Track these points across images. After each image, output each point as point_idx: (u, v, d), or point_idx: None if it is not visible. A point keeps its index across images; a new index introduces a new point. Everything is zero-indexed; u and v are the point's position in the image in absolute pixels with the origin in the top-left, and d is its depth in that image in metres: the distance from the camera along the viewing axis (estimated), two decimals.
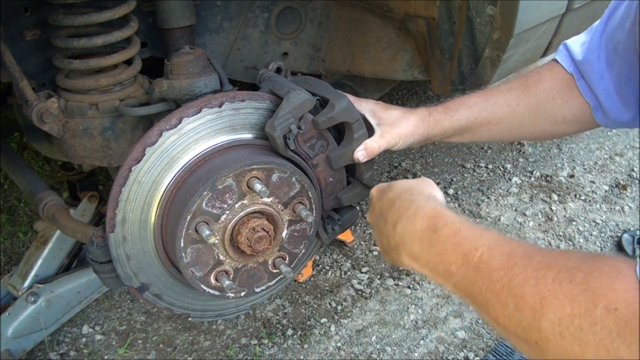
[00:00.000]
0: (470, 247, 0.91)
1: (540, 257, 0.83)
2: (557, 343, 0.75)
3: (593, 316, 0.71)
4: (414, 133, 1.47)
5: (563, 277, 0.78)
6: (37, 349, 2.18)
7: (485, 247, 0.89)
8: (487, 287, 0.86)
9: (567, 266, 0.79)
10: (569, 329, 0.74)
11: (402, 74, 2.09)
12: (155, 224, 1.44)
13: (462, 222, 0.98)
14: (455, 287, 0.93)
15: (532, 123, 1.47)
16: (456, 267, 0.92)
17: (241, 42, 1.97)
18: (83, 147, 1.58)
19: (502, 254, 0.87)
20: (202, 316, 1.69)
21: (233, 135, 1.46)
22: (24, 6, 1.54)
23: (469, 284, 0.90)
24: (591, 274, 0.75)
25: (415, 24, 1.89)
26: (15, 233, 2.85)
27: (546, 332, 0.77)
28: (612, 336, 0.70)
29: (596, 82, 1.36)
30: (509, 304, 0.82)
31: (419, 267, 1.01)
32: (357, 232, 2.81)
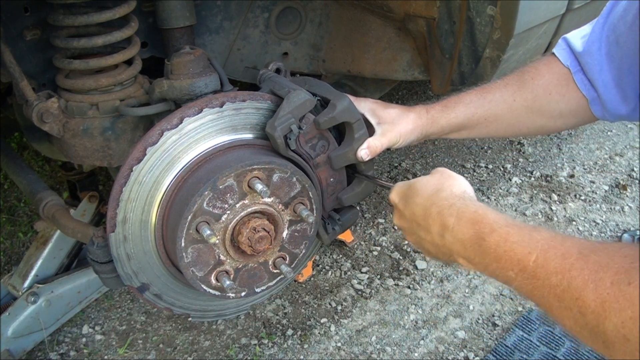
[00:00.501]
0: (523, 253, 0.90)
1: (596, 256, 0.82)
2: (623, 345, 0.75)
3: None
4: (413, 131, 1.48)
5: (621, 279, 0.78)
6: (37, 349, 2.18)
7: (539, 250, 0.88)
8: (547, 291, 0.86)
9: (624, 267, 0.78)
10: (633, 331, 0.74)
11: (402, 74, 2.09)
12: (156, 223, 1.44)
13: (508, 224, 0.96)
14: (517, 290, 0.93)
15: (529, 118, 1.47)
16: (514, 273, 0.92)
17: (241, 42, 1.97)
18: (83, 147, 1.58)
19: (557, 255, 0.86)
20: (202, 316, 1.69)
21: (234, 135, 1.46)
22: (24, 6, 1.54)
23: (530, 289, 0.89)
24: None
25: (415, 24, 1.89)
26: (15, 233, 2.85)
27: (611, 335, 0.77)
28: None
29: (595, 74, 1.35)
30: (572, 308, 0.82)
31: (478, 270, 1.00)
32: (357, 232, 2.81)
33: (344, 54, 2.13)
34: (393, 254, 2.69)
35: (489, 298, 2.45)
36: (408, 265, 2.62)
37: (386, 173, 3.27)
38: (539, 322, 2.28)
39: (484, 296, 2.46)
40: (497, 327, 2.31)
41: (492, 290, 2.48)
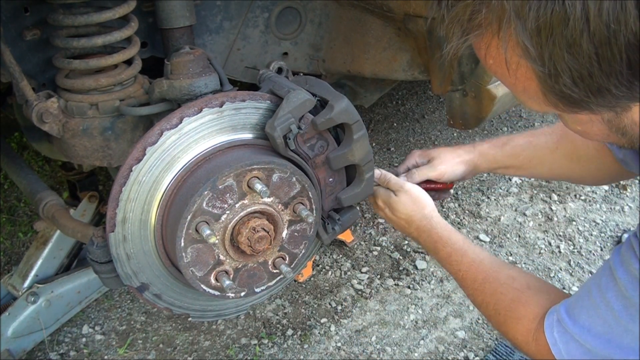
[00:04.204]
0: (457, 268, 1.39)
1: (490, 286, 1.32)
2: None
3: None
4: (460, 163, 1.63)
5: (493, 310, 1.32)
6: (37, 349, 2.18)
7: (464, 269, 1.37)
8: (470, 294, 1.39)
9: (502, 303, 1.29)
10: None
11: (402, 74, 2.09)
12: (156, 223, 1.44)
13: (452, 246, 1.41)
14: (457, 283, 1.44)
15: (569, 167, 1.59)
16: (454, 277, 1.42)
17: (241, 42, 1.97)
18: (83, 147, 1.58)
19: (472, 278, 1.36)
20: (202, 316, 1.69)
21: (233, 135, 1.46)
22: (24, 6, 1.54)
23: (462, 288, 1.41)
24: (506, 322, 1.28)
25: (415, 24, 1.89)
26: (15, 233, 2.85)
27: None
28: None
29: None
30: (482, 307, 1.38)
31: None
32: (357, 232, 2.81)
33: (343, 54, 2.13)
34: (393, 254, 2.69)
35: None
36: (408, 265, 2.62)
37: None
38: None
39: None
40: None
41: None
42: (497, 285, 1.30)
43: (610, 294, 1.05)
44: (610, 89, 0.79)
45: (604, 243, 2.76)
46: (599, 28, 0.73)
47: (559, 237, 2.79)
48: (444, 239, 1.43)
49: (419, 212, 1.48)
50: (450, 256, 1.40)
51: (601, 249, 2.72)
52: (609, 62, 0.76)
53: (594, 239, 2.78)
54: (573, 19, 0.74)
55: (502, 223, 2.89)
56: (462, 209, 2.99)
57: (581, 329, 1.10)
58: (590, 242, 2.76)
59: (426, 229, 1.46)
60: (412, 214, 1.49)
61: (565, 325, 1.13)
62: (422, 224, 1.47)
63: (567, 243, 2.75)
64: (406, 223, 1.50)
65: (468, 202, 3.04)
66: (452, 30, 0.86)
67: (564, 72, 0.78)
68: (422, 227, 1.47)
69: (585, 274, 2.58)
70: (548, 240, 2.77)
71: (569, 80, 0.79)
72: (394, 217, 1.54)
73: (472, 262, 1.36)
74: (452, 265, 1.40)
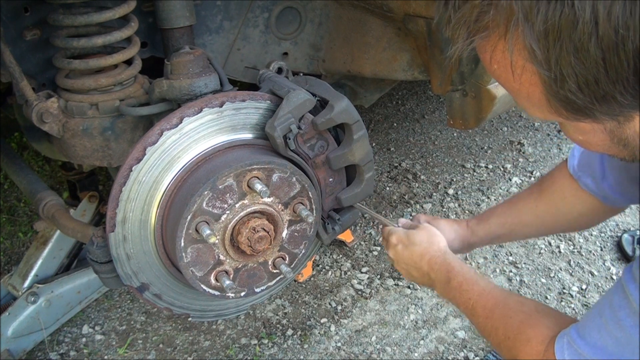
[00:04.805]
0: (467, 297, 1.41)
1: (499, 311, 1.33)
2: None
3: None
4: (455, 239, 1.66)
5: (502, 334, 1.32)
6: (37, 349, 2.18)
7: (474, 298, 1.39)
8: (480, 322, 1.39)
9: (511, 326, 1.29)
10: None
11: (402, 74, 2.09)
12: (156, 223, 1.44)
13: (464, 276, 1.43)
14: (466, 315, 1.46)
15: (553, 221, 1.62)
16: (463, 307, 1.43)
17: (241, 42, 1.97)
18: (83, 147, 1.58)
19: (482, 306, 1.37)
20: (202, 316, 1.69)
21: (233, 135, 1.46)
22: (24, 6, 1.54)
23: (471, 318, 1.42)
24: (515, 345, 1.27)
25: (415, 24, 1.89)
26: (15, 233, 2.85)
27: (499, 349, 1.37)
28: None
29: (599, 180, 1.46)
30: (491, 336, 1.37)
31: (445, 299, 1.54)
32: (357, 232, 2.81)
33: (343, 54, 2.13)
34: None
35: None
36: None
37: (386, 173, 3.27)
38: None
39: None
40: None
41: None
42: (506, 310, 1.32)
43: (622, 313, 1.04)
44: (615, 97, 0.78)
45: (604, 243, 2.76)
46: (607, 33, 0.73)
47: (559, 237, 2.79)
48: (456, 269, 1.46)
49: (435, 245, 1.53)
50: (461, 285, 1.42)
51: (601, 249, 2.72)
52: (616, 69, 0.75)
53: (594, 239, 2.78)
54: (582, 23, 0.73)
55: None
56: (462, 209, 2.99)
57: (593, 348, 1.09)
58: (590, 242, 2.76)
59: (439, 260, 1.49)
60: (427, 247, 1.53)
61: (577, 347, 1.12)
62: (435, 254, 1.51)
63: (567, 243, 2.75)
64: (419, 256, 1.53)
65: (468, 202, 3.04)
66: (458, 31, 0.84)
67: (570, 77, 0.77)
68: (436, 257, 1.50)
69: (585, 274, 2.58)
70: (548, 240, 2.77)
71: (574, 85, 0.78)
72: (406, 252, 1.56)
73: (483, 291, 1.38)
74: (463, 294, 1.41)
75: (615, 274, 2.57)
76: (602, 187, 1.46)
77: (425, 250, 1.53)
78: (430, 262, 1.50)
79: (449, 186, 3.16)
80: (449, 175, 3.26)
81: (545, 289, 2.49)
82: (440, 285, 1.49)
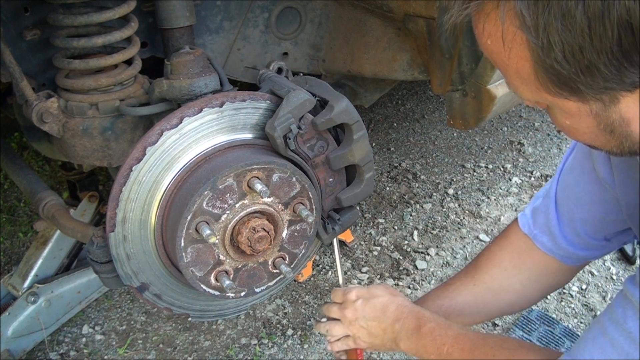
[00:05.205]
0: (441, 343, 1.29)
1: (480, 351, 1.23)
2: None
3: None
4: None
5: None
6: (37, 349, 2.18)
7: (449, 343, 1.28)
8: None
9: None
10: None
11: (402, 74, 2.09)
12: (156, 223, 1.44)
13: (436, 321, 1.34)
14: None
15: (495, 298, 1.53)
16: (436, 355, 1.30)
17: (241, 42, 1.97)
18: (83, 147, 1.58)
19: (459, 349, 1.27)
20: (202, 316, 1.69)
21: (233, 135, 1.46)
22: (24, 6, 1.54)
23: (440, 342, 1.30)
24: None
25: (415, 24, 1.89)
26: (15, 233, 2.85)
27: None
28: None
29: (557, 236, 1.42)
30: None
31: (411, 352, 1.38)
32: (357, 232, 2.81)
33: (343, 54, 2.13)
34: (393, 254, 2.69)
35: None
36: (408, 265, 2.62)
37: (386, 173, 3.27)
38: (539, 322, 2.28)
39: None
40: (497, 327, 2.31)
41: None
42: (487, 349, 1.23)
43: (631, 323, 0.99)
44: (599, 67, 0.79)
45: None
46: (593, 0, 0.74)
47: None
48: (427, 315, 1.37)
49: (399, 296, 1.46)
50: (433, 331, 1.32)
51: None
52: (600, 38, 0.76)
53: None
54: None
55: (502, 223, 2.89)
56: (462, 209, 2.99)
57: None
58: None
59: (407, 308, 1.40)
60: (391, 297, 1.45)
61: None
62: (402, 303, 1.42)
63: None
64: (383, 307, 1.42)
65: (468, 202, 3.04)
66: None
67: (556, 44, 0.79)
68: (403, 306, 1.41)
69: (585, 274, 2.58)
70: None
71: (560, 54, 0.80)
72: (368, 306, 1.45)
73: (458, 335, 1.29)
74: (436, 340, 1.30)
75: (615, 274, 2.58)
76: (560, 244, 1.42)
77: (389, 300, 1.43)
78: (397, 311, 1.40)
79: (449, 186, 3.16)
80: (449, 175, 3.26)
81: None
82: (407, 335, 1.36)
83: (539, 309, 2.35)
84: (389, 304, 1.42)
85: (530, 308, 2.37)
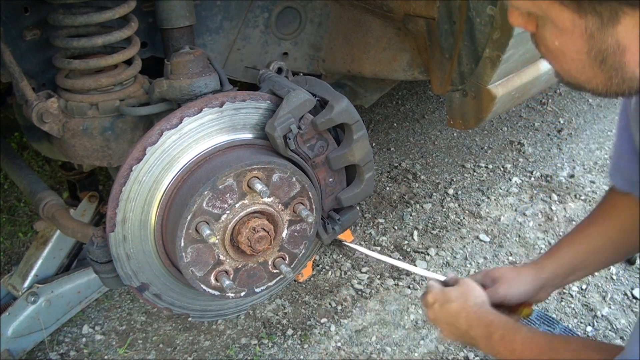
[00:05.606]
0: (511, 349, 1.34)
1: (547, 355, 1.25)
2: None
3: None
4: (523, 281, 1.56)
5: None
6: (37, 349, 2.18)
7: (519, 349, 1.32)
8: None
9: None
10: None
11: (402, 74, 2.09)
12: (156, 223, 1.44)
13: (504, 327, 1.37)
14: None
15: (629, 239, 1.51)
16: (499, 341, 1.35)
17: (241, 42, 1.97)
18: (83, 147, 1.58)
19: (528, 354, 1.30)
20: (201, 316, 1.69)
21: (233, 135, 1.46)
22: (24, 6, 1.54)
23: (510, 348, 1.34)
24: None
25: (415, 24, 1.89)
26: (15, 233, 2.85)
27: None
28: None
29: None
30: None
31: (491, 355, 1.44)
32: (357, 232, 2.81)
33: (343, 54, 2.13)
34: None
35: None
36: None
37: (386, 173, 3.27)
38: (539, 322, 2.28)
39: None
40: None
41: None
42: (553, 353, 1.26)
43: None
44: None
45: None
46: None
47: (559, 237, 2.78)
48: (496, 322, 1.40)
49: (470, 300, 1.47)
50: (503, 337, 1.36)
51: None
52: None
53: None
54: None
55: (502, 223, 2.89)
56: (462, 209, 2.99)
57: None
58: None
59: (476, 315, 1.43)
60: (462, 303, 1.47)
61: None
62: (471, 310, 1.44)
63: None
64: (456, 314, 1.47)
65: (468, 202, 3.04)
66: None
67: None
68: (473, 313, 1.44)
69: None
70: (548, 240, 2.77)
71: None
72: (443, 311, 1.50)
73: (526, 338, 1.33)
74: (506, 346, 1.35)
75: (615, 274, 2.57)
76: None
77: (460, 307, 1.46)
78: (468, 319, 1.44)
79: (449, 186, 3.16)
80: (449, 175, 3.26)
81: None
82: (482, 342, 1.43)
83: (539, 309, 2.35)
84: (460, 312, 1.46)
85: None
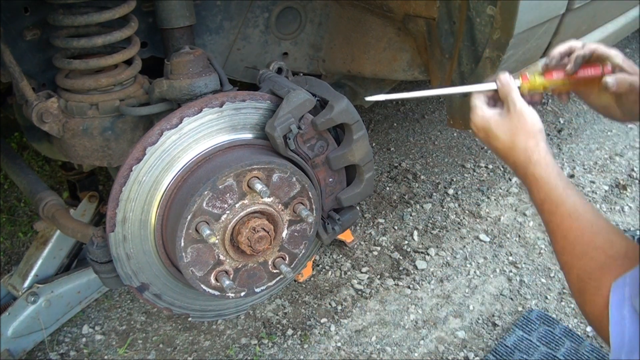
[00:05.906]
0: (549, 218, 1.18)
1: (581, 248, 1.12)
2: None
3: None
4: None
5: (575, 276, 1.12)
6: (37, 349, 2.18)
7: (557, 222, 1.17)
8: (558, 249, 1.17)
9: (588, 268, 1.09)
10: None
11: (402, 74, 2.09)
12: (156, 223, 1.44)
13: (547, 194, 1.19)
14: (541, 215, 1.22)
15: None
16: (545, 224, 1.21)
17: (241, 42, 1.97)
18: (83, 147, 1.58)
19: (563, 237, 1.16)
20: (201, 316, 1.69)
21: (233, 135, 1.46)
22: (24, 6, 1.54)
23: (551, 239, 1.20)
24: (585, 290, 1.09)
25: (415, 24, 1.89)
26: (15, 233, 2.85)
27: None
28: None
29: None
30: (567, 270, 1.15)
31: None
32: (357, 232, 2.81)
33: (344, 54, 2.13)
34: (393, 254, 2.69)
35: (489, 298, 2.45)
36: (408, 265, 2.62)
37: (386, 173, 3.27)
38: (539, 322, 2.28)
39: (484, 296, 2.46)
40: (497, 327, 2.31)
41: (492, 290, 2.48)
42: (589, 249, 1.10)
43: None
44: None
45: None
46: None
47: None
48: (541, 181, 1.19)
49: (521, 143, 1.23)
50: (544, 203, 1.18)
51: None
52: None
53: None
54: None
55: (502, 223, 2.89)
56: (462, 209, 2.99)
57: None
58: None
59: (523, 165, 1.23)
60: (511, 146, 1.26)
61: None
62: (520, 159, 1.23)
63: None
64: (504, 154, 1.28)
65: (468, 202, 3.04)
66: None
67: None
68: (520, 163, 1.23)
69: None
70: (548, 240, 2.77)
71: None
72: (487, 143, 1.32)
73: (568, 216, 1.14)
74: (545, 214, 1.19)
75: None
76: None
77: (509, 150, 1.25)
78: (515, 165, 1.25)
79: (449, 186, 3.16)
80: (449, 175, 3.26)
81: (545, 289, 2.49)
82: (528, 192, 1.27)
83: (539, 309, 2.35)
84: (509, 155, 1.27)
85: (530, 308, 2.37)
